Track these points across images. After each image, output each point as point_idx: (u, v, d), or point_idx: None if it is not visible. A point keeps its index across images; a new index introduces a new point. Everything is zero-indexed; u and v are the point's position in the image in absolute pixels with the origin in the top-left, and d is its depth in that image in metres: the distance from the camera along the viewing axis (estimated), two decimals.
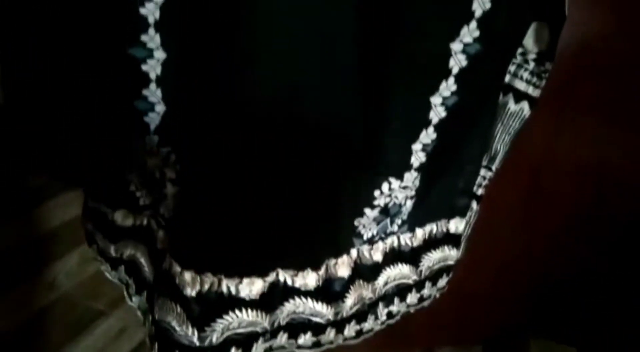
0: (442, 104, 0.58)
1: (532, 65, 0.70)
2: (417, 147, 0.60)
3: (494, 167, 0.73)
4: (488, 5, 0.54)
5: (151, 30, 0.49)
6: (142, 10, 0.48)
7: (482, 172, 0.73)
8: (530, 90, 0.71)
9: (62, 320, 1.03)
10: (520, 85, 0.71)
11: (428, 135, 0.60)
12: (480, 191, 0.73)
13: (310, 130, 0.55)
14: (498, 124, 0.72)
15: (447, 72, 0.56)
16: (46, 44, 0.58)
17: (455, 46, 0.55)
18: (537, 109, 0.72)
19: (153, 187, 0.61)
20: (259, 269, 0.58)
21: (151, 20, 0.48)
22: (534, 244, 1.18)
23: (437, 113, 0.58)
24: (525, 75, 0.71)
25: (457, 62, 0.56)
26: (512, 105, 0.71)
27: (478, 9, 0.54)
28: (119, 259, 0.66)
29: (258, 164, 0.55)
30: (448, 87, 0.57)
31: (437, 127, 0.59)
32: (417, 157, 0.61)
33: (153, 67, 0.51)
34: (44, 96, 0.65)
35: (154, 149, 0.56)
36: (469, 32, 0.55)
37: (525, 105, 0.71)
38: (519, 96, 0.71)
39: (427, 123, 0.59)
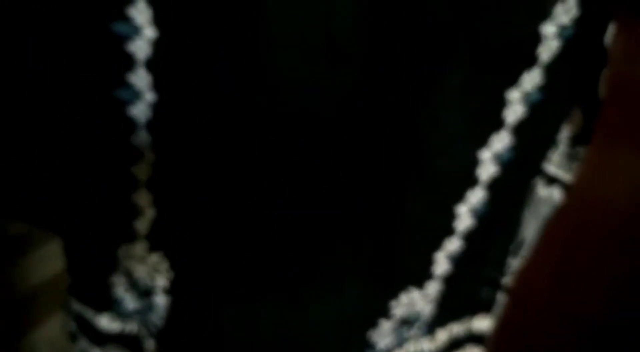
0: (469, 212, 0.52)
1: (563, 147, 0.65)
2: (440, 255, 0.55)
3: (521, 255, 0.68)
4: (520, 112, 0.48)
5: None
6: None
7: (508, 260, 0.68)
8: (561, 174, 0.66)
9: None
10: (551, 169, 0.65)
11: (453, 244, 0.55)
12: (505, 281, 0.68)
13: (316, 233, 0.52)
14: (526, 210, 0.66)
15: (474, 181, 0.51)
16: None
17: (484, 155, 0.50)
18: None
19: (142, 294, 0.56)
20: None
21: None
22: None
23: (463, 222, 0.53)
24: (556, 158, 0.65)
25: (487, 170, 0.51)
26: (541, 190, 0.66)
27: (510, 116, 0.48)
28: None
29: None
30: (475, 195, 0.52)
31: (464, 236, 0.54)
32: (440, 265, 0.56)
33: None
34: None
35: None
36: (499, 140, 0.49)
37: (555, 191, 0.66)
38: (549, 180, 0.66)
39: (451, 232, 0.54)
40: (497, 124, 0.50)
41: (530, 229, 0.69)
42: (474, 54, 0.48)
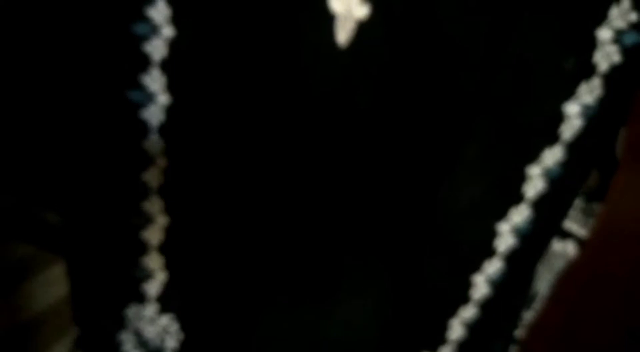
0: (485, 281, 0.52)
1: (579, 202, 0.64)
2: (454, 322, 0.55)
3: (534, 308, 0.67)
4: (541, 187, 0.48)
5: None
6: None
7: (522, 313, 0.67)
8: (576, 229, 0.65)
9: None
10: (566, 224, 0.65)
11: (468, 311, 0.54)
12: (518, 334, 0.67)
13: None
14: (540, 264, 0.66)
15: (491, 252, 0.50)
16: None
17: (503, 227, 0.49)
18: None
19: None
20: None
21: None
22: None
23: (479, 290, 0.52)
24: (572, 212, 0.64)
25: (505, 242, 0.50)
26: (556, 245, 0.65)
27: (530, 191, 0.48)
28: None
29: None
30: (492, 266, 0.51)
31: (479, 304, 0.53)
32: (455, 331, 0.55)
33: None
34: None
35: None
36: (519, 213, 0.49)
37: (570, 245, 0.65)
38: (564, 235, 0.65)
39: (466, 300, 0.53)
40: (517, 197, 0.49)
41: (544, 282, 0.68)
42: (495, 128, 0.47)
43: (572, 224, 0.67)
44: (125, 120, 0.46)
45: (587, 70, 0.46)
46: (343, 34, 0.44)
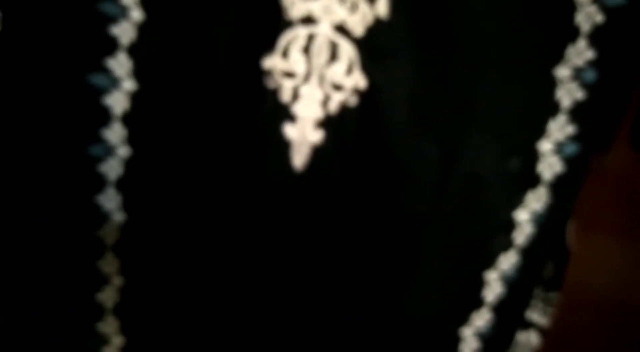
0: (474, 335, 0.52)
1: (538, 292, 0.65)
2: None
3: None
4: (499, 291, 0.49)
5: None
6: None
7: None
8: (537, 318, 0.66)
9: None
10: (527, 314, 0.65)
11: None
12: None
13: None
14: None
15: (479, 303, 0.51)
16: None
17: (466, 332, 0.50)
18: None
19: None
20: None
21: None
22: None
23: (469, 345, 0.52)
24: (532, 302, 0.65)
25: (469, 346, 0.50)
26: (519, 336, 0.66)
27: (489, 295, 0.49)
28: None
29: None
30: (481, 317, 0.52)
31: None
32: None
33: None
34: None
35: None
36: (480, 318, 0.49)
37: (532, 335, 0.66)
38: (526, 325, 0.66)
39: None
40: (477, 303, 0.50)
41: None
42: (450, 240, 0.49)
43: (533, 314, 0.68)
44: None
45: (533, 180, 0.48)
46: (299, 159, 0.45)
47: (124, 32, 0.42)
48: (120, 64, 0.43)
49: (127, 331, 0.49)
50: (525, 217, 0.49)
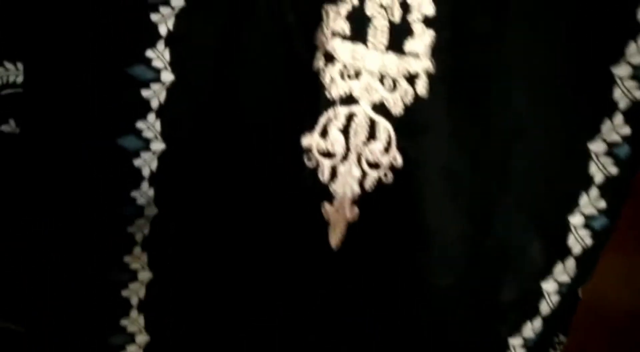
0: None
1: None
2: None
3: None
4: None
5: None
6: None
7: None
8: None
9: None
10: None
11: None
12: None
13: None
14: None
15: None
16: None
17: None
18: None
19: None
20: None
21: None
22: None
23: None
24: None
25: None
26: None
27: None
28: None
29: None
30: None
31: None
32: None
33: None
34: None
35: None
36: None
37: None
38: None
39: None
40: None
41: None
42: (476, 306, 0.49)
43: None
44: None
45: (562, 252, 0.48)
46: (335, 238, 0.45)
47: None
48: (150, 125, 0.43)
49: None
50: (552, 288, 0.49)
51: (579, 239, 0.48)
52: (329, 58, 0.43)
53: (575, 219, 0.48)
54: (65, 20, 0.44)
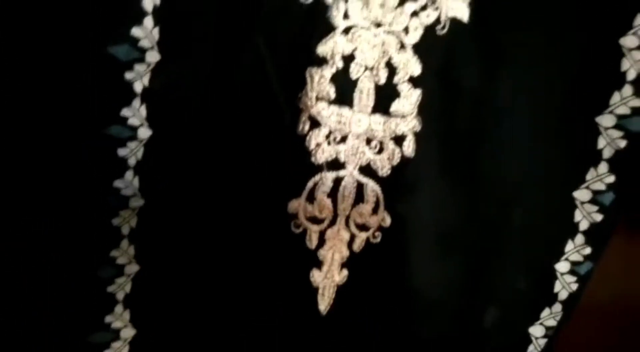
0: None
1: None
2: None
3: None
4: None
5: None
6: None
7: None
8: None
9: None
10: None
11: None
12: None
13: None
14: None
15: None
16: None
17: None
18: None
19: None
20: None
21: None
22: None
23: None
24: None
25: None
26: None
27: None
28: None
29: None
30: None
31: None
32: None
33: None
34: None
35: None
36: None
37: None
38: None
39: None
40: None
41: None
42: None
43: None
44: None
45: (550, 299, 0.49)
46: (324, 304, 0.44)
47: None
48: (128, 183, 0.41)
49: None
50: (540, 333, 0.50)
51: (565, 285, 0.49)
52: (314, 123, 0.42)
53: (561, 266, 0.48)
54: (35, 82, 0.41)
